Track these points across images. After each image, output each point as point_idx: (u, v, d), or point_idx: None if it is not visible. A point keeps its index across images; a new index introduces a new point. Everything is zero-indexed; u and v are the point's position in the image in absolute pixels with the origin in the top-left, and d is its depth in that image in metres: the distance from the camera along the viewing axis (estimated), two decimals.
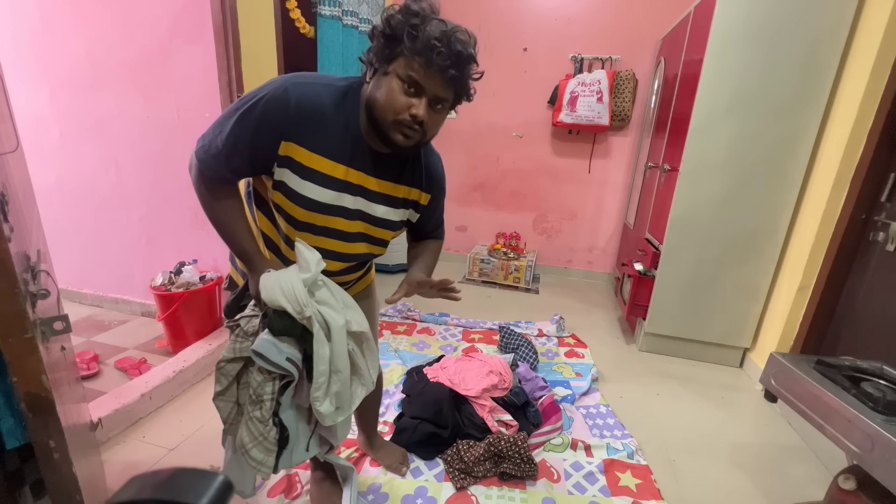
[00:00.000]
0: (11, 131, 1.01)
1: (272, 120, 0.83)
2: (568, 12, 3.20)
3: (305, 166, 0.86)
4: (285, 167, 0.86)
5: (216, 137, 0.86)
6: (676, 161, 2.20)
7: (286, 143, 0.84)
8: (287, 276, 0.87)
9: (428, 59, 0.77)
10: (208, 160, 0.87)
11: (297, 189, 0.88)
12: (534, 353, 2.19)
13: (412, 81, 0.80)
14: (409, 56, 0.78)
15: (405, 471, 1.46)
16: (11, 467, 0.92)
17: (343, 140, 0.87)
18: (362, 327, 0.95)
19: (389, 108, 0.81)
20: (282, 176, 0.87)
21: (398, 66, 0.80)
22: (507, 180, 3.67)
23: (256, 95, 0.83)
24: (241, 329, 0.92)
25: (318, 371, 0.88)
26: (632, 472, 1.51)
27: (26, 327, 0.77)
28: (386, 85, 0.81)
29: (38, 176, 1.39)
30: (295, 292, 0.85)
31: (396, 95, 0.80)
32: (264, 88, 0.84)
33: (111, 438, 1.56)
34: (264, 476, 0.94)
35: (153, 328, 2.39)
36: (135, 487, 0.34)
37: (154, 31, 2.01)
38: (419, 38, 0.77)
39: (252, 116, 0.83)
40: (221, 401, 0.94)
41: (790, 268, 2.08)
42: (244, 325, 0.92)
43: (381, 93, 0.82)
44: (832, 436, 1.07)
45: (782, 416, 1.93)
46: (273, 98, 0.82)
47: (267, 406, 0.90)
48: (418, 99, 0.81)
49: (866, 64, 1.73)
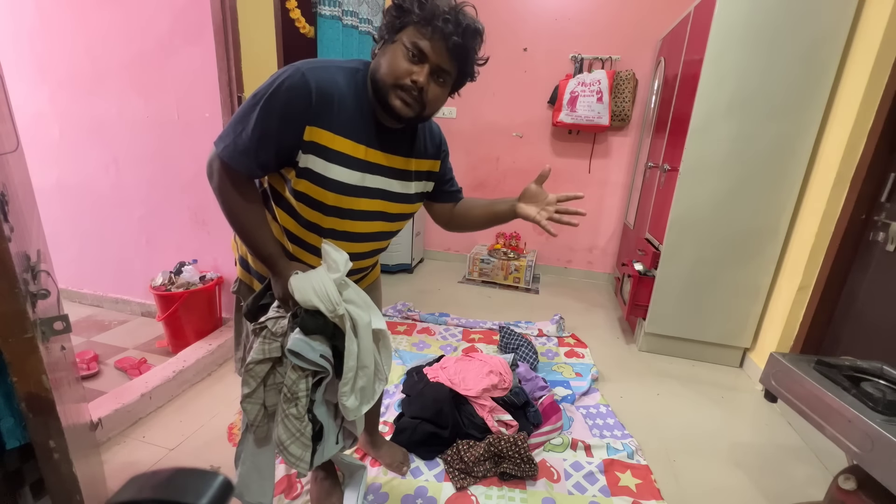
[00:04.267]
0: (11, 131, 1.01)
1: (296, 105, 0.83)
2: (568, 12, 3.20)
3: (331, 149, 0.87)
4: (310, 153, 0.86)
5: (240, 134, 0.84)
6: (676, 161, 2.20)
7: (311, 127, 0.84)
8: (318, 277, 0.89)
9: (434, 28, 0.81)
10: (236, 157, 0.85)
11: (324, 173, 0.88)
12: (534, 353, 2.19)
13: (417, 49, 0.83)
14: (416, 24, 0.82)
15: (406, 470, 1.46)
16: (11, 467, 0.92)
17: (359, 120, 0.89)
18: (381, 325, 0.98)
19: (391, 72, 0.84)
20: (307, 163, 0.87)
21: (405, 35, 0.83)
22: (507, 180, 3.67)
23: (273, 84, 0.82)
24: (268, 331, 0.93)
25: (348, 367, 0.91)
26: (632, 472, 1.51)
27: (26, 327, 0.77)
28: (391, 52, 0.85)
29: (38, 176, 1.39)
30: (328, 292, 0.88)
31: (399, 61, 0.84)
32: (279, 77, 0.83)
33: (111, 438, 1.56)
34: (302, 472, 0.96)
35: (153, 328, 2.39)
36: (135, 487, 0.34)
37: (154, 31, 2.02)
38: (427, 6, 0.81)
39: (275, 105, 0.82)
40: (249, 403, 0.95)
41: (790, 268, 2.08)
42: (272, 327, 0.93)
43: (385, 59, 0.85)
44: (832, 436, 1.07)
45: (782, 416, 1.93)
46: (293, 84, 0.82)
47: (302, 403, 0.92)
48: (420, 66, 0.84)
49: (866, 64, 1.73)
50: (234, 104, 1.95)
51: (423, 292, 3.17)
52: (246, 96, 1.97)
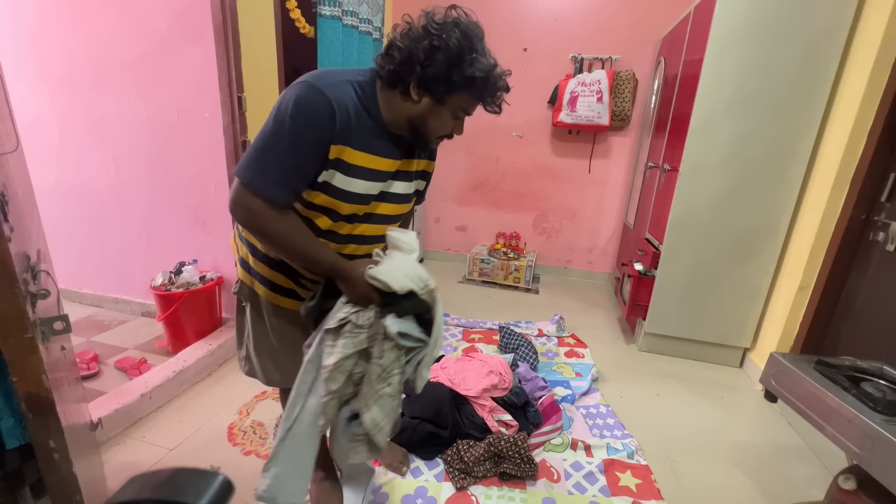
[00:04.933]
0: (11, 131, 1.01)
1: (321, 129, 0.84)
2: (568, 12, 3.20)
3: (353, 165, 0.89)
4: (332, 168, 0.88)
5: (270, 166, 0.84)
6: (676, 161, 2.20)
7: (335, 146, 0.86)
8: (403, 262, 0.95)
9: (486, 102, 0.92)
10: (274, 189, 0.84)
11: (344, 187, 0.90)
12: (534, 353, 2.19)
13: (464, 112, 0.93)
14: (474, 98, 0.90)
15: (405, 470, 1.46)
16: (11, 467, 0.92)
17: (372, 131, 0.91)
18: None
19: (439, 132, 0.94)
20: (327, 178, 0.89)
21: (457, 101, 0.90)
22: (507, 180, 3.67)
23: (295, 109, 0.82)
24: (352, 324, 0.94)
25: (436, 335, 0.97)
26: (632, 472, 1.51)
27: (26, 327, 0.77)
28: (441, 115, 0.91)
29: (38, 176, 1.39)
30: (417, 273, 0.94)
31: (448, 122, 0.93)
32: (297, 98, 0.82)
33: (111, 438, 1.56)
34: (381, 446, 0.99)
35: (153, 328, 2.39)
36: (135, 487, 0.34)
37: (154, 31, 2.02)
38: (493, 89, 0.89)
39: (301, 131, 0.83)
40: (334, 397, 0.95)
41: (790, 268, 2.08)
42: (357, 320, 0.94)
43: (434, 119, 0.91)
44: (832, 436, 1.07)
45: (782, 416, 1.93)
46: (315, 107, 0.83)
47: (397, 380, 0.96)
48: (461, 122, 0.96)
49: (866, 64, 1.73)
50: (233, 104, 1.95)
51: None
52: (246, 96, 1.98)
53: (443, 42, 0.82)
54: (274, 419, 1.70)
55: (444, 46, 0.82)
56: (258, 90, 2.07)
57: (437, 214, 3.87)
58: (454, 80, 0.85)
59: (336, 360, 0.92)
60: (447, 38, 0.82)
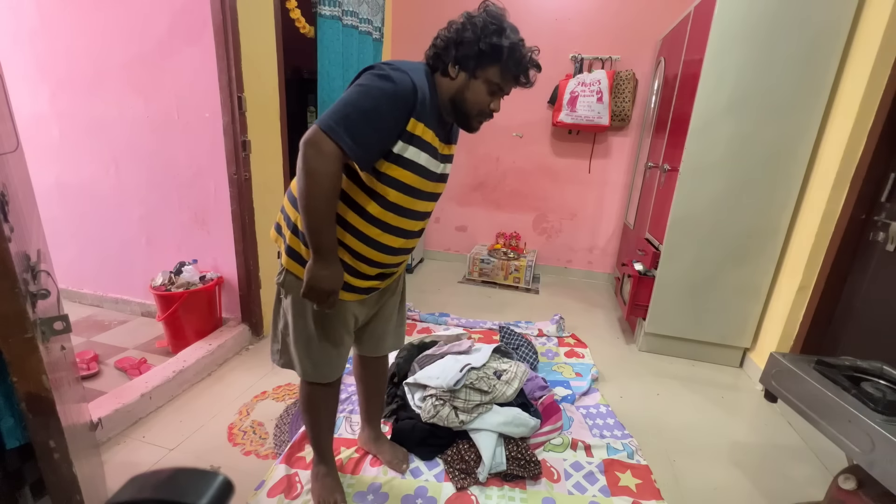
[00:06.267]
0: (11, 131, 1.01)
1: (408, 101, 0.94)
2: (568, 12, 3.20)
3: (423, 140, 1.00)
4: (407, 142, 0.98)
5: (354, 126, 0.90)
6: (676, 161, 2.20)
7: (413, 119, 0.96)
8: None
9: (518, 77, 1.01)
10: (355, 148, 0.91)
11: (414, 159, 1.00)
12: (534, 353, 2.19)
13: (499, 88, 1.01)
14: (503, 70, 0.98)
15: (405, 469, 1.46)
16: (11, 467, 0.92)
17: (436, 115, 1.03)
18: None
19: (476, 106, 1.02)
20: (400, 150, 0.98)
21: (490, 75, 0.99)
22: (507, 180, 3.67)
23: (384, 81, 0.92)
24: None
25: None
26: (632, 472, 1.51)
27: (26, 327, 0.77)
28: (475, 88, 1.00)
29: (38, 176, 1.39)
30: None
31: (483, 97, 1.01)
32: (387, 74, 0.93)
33: (111, 438, 1.56)
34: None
35: (153, 328, 2.39)
36: (135, 487, 0.34)
37: (154, 31, 2.02)
38: (518, 61, 0.98)
39: (394, 102, 0.93)
40: None
41: (790, 268, 2.08)
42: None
43: (470, 94, 1.01)
44: (832, 436, 1.07)
45: (782, 416, 1.93)
46: (404, 83, 0.93)
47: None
48: (497, 98, 1.03)
49: (866, 64, 1.73)
50: (234, 104, 1.95)
51: (423, 292, 3.17)
52: (246, 96, 1.98)
53: (471, 20, 0.97)
54: (274, 419, 1.70)
55: (472, 24, 0.96)
56: (258, 90, 2.07)
57: (437, 214, 3.87)
58: (482, 50, 0.95)
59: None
60: (475, 17, 0.97)
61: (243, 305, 2.25)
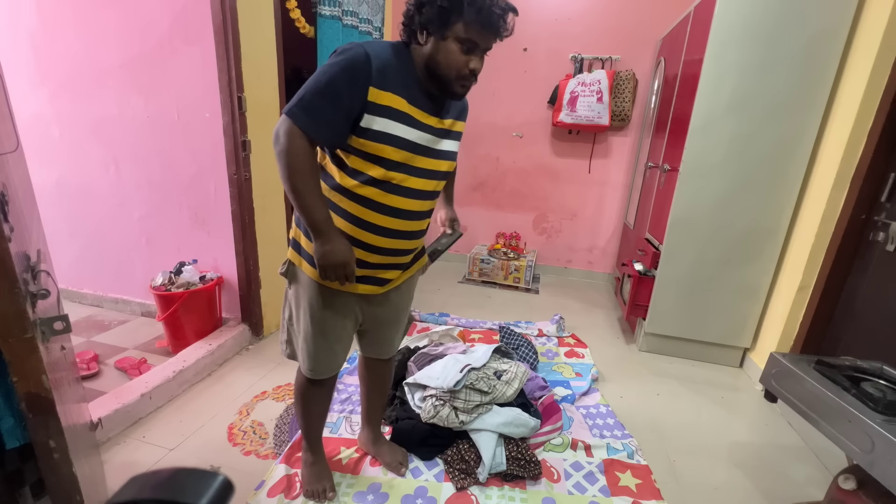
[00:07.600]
0: (11, 131, 1.01)
1: (359, 70, 0.91)
2: (568, 12, 3.20)
3: (392, 108, 0.96)
4: (372, 114, 0.94)
5: (312, 104, 0.91)
6: (676, 161, 2.20)
7: (373, 88, 0.93)
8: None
9: (486, 23, 0.93)
10: (312, 125, 0.92)
11: (386, 130, 0.96)
12: (534, 353, 2.19)
13: (471, 43, 0.94)
14: (467, 21, 0.92)
15: (404, 471, 1.46)
16: (11, 467, 0.92)
17: (411, 85, 0.99)
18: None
19: (452, 68, 0.96)
20: (367, 123, 0.95)
21: (456, 31, 0.93)
22: (507, 180, 3.67)
23: (336, 57, 0.92)
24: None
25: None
26: (632, 472, 1.51)
27: (26, 327, 0.77)
28: (445, 49, 0.95)
29: (38, 176, 1.39)
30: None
31: (457, 57, 0.95)
32: (339, 51, 0.93)
33: (111, 438, 1.56)
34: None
35: (153, 328, 2.39)
36: (135, 487, 0.34)
37: (154, 31, 2.02)
38: (479, 8, 0.91)
39: (341, 72, 0.91)
40: None
41: (790, 268, 2.08)
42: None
43: (441, 56, 0.95)
44: (832, 436, 1.07)
45: (782, 416, 1.93)
46: (354, 53, 0.92)
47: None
48: (474, 56, 0.96)
49: (866, 64, 1.73)
50: (234, 104, 1.95)
51: (422, 292, 3.17)
52: (246, 96, 1.98)
53: None
54: (274, 419, 1.70)
55: None
56: (258, 90, 2.07)
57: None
58: (442, 7, 0.91)
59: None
60: None
61: (243, 305, 2.25)
